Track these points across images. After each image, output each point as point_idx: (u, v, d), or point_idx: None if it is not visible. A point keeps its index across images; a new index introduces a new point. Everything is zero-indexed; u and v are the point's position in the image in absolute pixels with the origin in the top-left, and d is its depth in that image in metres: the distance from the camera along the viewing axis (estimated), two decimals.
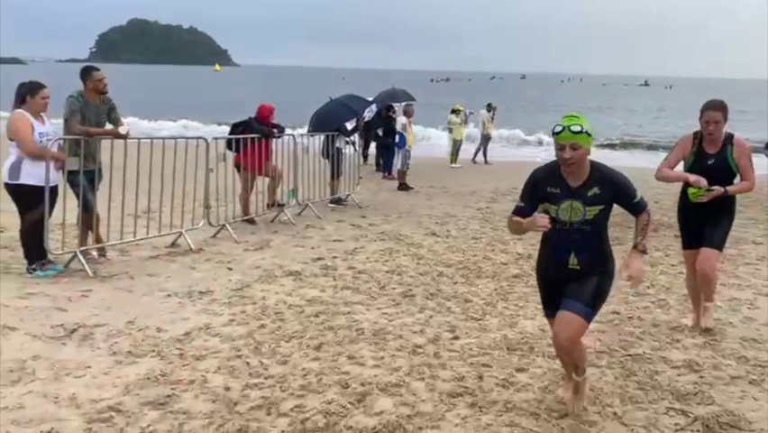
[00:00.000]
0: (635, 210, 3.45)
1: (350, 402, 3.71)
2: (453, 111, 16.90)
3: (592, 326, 4.94)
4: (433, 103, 32.05)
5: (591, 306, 3.39)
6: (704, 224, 4.79)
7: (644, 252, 3.46)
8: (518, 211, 3.48)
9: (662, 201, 10.06)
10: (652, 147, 23.42)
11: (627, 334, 4.89)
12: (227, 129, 9.85)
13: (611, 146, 23.88)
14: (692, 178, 4.62)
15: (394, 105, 14.65)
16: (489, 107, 17.97)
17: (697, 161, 4.74)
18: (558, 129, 3.27)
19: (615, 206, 3.44)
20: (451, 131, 16.92)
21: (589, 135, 3.28)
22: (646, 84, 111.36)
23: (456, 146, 16.80)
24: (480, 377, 4.08)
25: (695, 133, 4.81)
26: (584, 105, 50.13)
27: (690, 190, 4.69)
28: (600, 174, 3.37)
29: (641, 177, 6.71)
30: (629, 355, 4.47)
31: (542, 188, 3.41)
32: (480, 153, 17.67)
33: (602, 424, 3.54)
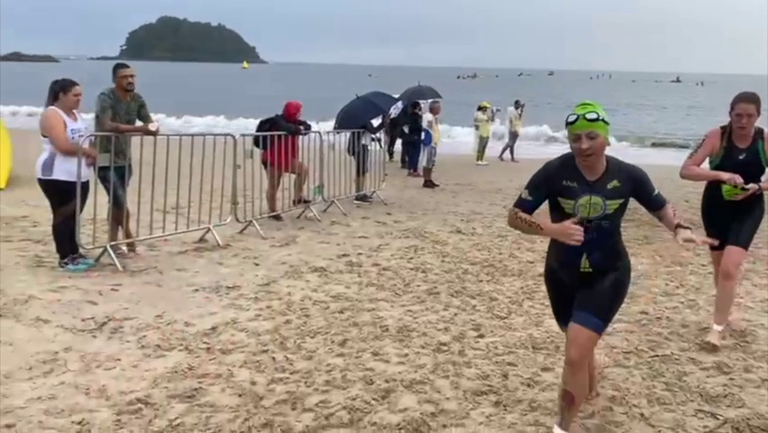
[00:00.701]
0: (656, 204, 3.19)
1: (374, 399, 3.72)
2: (480, 108, 16.81)
3: (619, 325, 4.92)
4: (459, 100, 31.93)
5: (604, 318, 3.13)
6: (731, 223, 4.61)
7: (687, 227, 3.10)
8: (522, 204, 3.16)
9: (693, 200, 9.88)
10: (681, 145, 23.07)
11: (655, 334, 4.82)
12: (254, 125, 9.93)
13: (640, 143, 23.56)
14: (726, 175, 4.44)
15: (420, 102, 14.62)
16: (517, 104, 17.83)
17: (727, 157, 4.54)
18: (572, 118, 2.97)
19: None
20: (477, 128, 16.84)
21: (606, 123, 3.01)
22: (678, 80, 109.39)
23: (482, 143, 16.71)
24: (505, 376, 4.06)
25: (722, 128, 4.65)
26: (613, 102, 49.44)
27: (725, 188, 4.50)
28: (617, 166, 3.13)
29: (669, 175, 6.61)
30: (657, 356, 4.41)
31: (556, 181, 3.10)
32: (507, 151, 17.56)
33: (629, 425, 3.50)
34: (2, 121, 11.13)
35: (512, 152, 17.57)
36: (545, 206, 3.21)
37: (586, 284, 3.15)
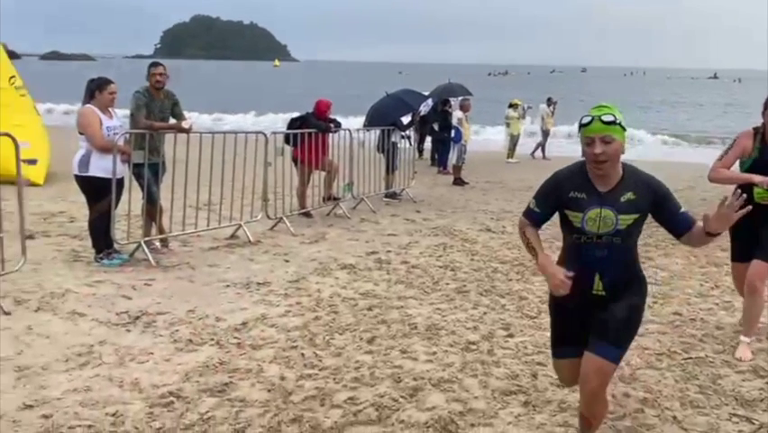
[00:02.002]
0: (683, 224, 2.77)
1: (402, 396, 3.73)
2: (511, 105, 16.67)
3: (652, 327, 4.85)
4: (490, 97, 31.70)
5: (623, 346, 2.89)
6: (759, 231, 4.31)
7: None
8: (530, 215, 2.95)
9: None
10: (717, 143, 22.56)
11: (689, 336, 4.73)
12: (285, 122, 10.00)
13: (675, 140, 23.11)
14: (758, 178, 4.26)
15: (450, 99, 14.56)
16: (549, 102, 17.64)
17: (760, 158, 4.32)
18: (586, 120, 2.70)
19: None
20: (508, 125, 16.71)
21: (624, 128, 2.73)
22: (715, 77, 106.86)
23: (513, 141, 16.57)
24: (535, 376, 4.03)
25: (755, 129, 4.48)
26: (647, 99, 48.59)
27: (757, 191, 4.35)
28: (635, 177, 2.79)
29: (699, 173, 6.47)
30: (691, 358, 4.33)
31: (564, 192, 2.82)
32: (539, 149, 17.38)
33: (661, 428, 3.45)
34: (40, 118, 11.38)
35: (543, 150, 17.39)
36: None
37: (599, 309, 2.85)
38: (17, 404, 3.51)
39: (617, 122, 2.70)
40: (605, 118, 2.68)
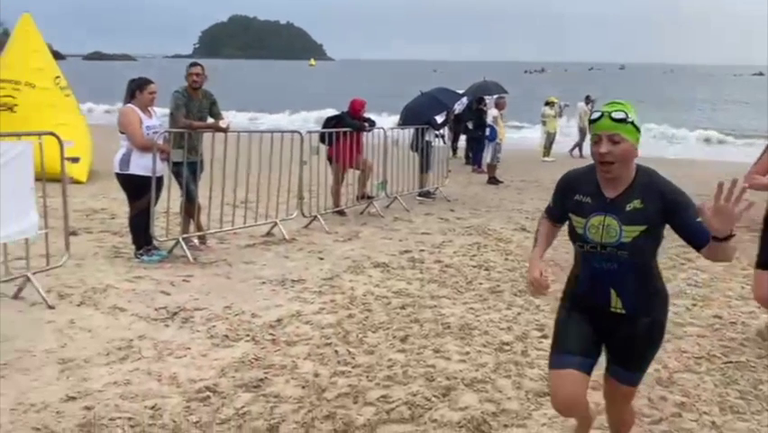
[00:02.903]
0: (699, 235, 2.38)
1: (434, 395, 3.73)
2: (547, 103, 16.48)
3: (691, 329, 4.76)
4: (526, 95, 31.38)
5: (644, 369, 2.74)
6: None
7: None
8: (549, 211, 2.80)
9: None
10: (756, 141, 21.92)
11: (729, 340, 4.62)
12: (320, 122, 10.08)
13: (718, 138, 22.55)
14: None
15: (485, 97, 14.47)
16: (588, 100, 17.37)
17: None
18: (595, 115, 2.48)
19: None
20: (544, 123, 16.52)
21: (637, 129, 2.48)
22: (761, 74, 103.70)
23: (549, 139, 16.39)
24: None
25: None
26: (689, 97, 47.51)
27: None
28: (648, 182, 2.49)
29: (742, 172, 6.31)
30: (731, 362, 4.24)
31: (570, 194, 2.62)
32: (577, 147, 17.15)
33: None
34: (84, 118, 11.68)
35: (581, 149, 17.15)
36: None
37: (619, 328, 2.62)
38: (60, 396, 3.62)
39: (629, 120, 2.45)
40: (615, 115, 2.44)
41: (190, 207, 6.67)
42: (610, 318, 2.61)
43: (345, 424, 3.42)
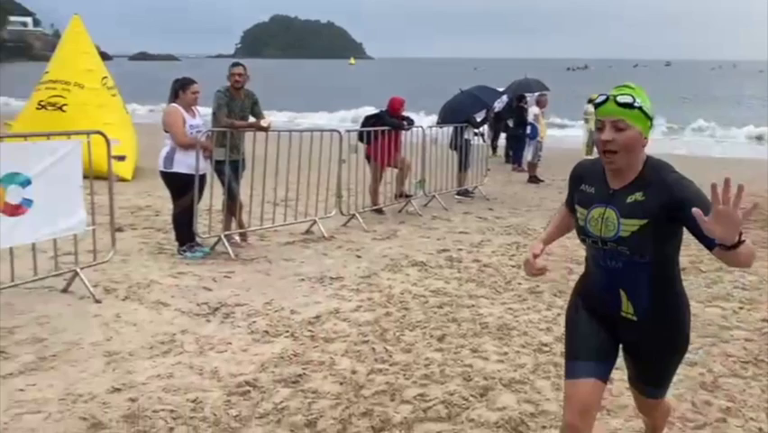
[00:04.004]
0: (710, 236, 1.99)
1: (472, 395, 3.72)
2: (590, 100, 16.19)
3: (738, 333, 4.62)
4: (569, 92, 30.90)
5: (663, 385, 2.57)
6: None
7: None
8: (566, 201, 2.66)
9: None
10: None
11: None
12: (358, 120, 10.12)
13: (761, 137, 21.82)
14: None
15: (526, 95, 14.30)
16: None
17: None
18: (600, 99, 2.27)
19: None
20: (587, 121, 16.24)
21: (647, 116, 2.25)
22: None
23: (592, 137, 16.09)
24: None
25: None
26: (738, 93, 46.04)
27: None
28: (655, 175, 2.26)
29: None
30: None
31: (578, 184, 2.49)
32: None
33: None
34: (130, 117, 11.98)
35: None
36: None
37: (634, 337, 2.42)
38: (106, 387, 3.73)
39: (637, 106, 2.22)
40: (621, 99, 2.22)
41: (232, 205, 6.78)
42: (623, 326, 2.41)
43: (382, 421, 3.43)
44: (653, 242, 2.25)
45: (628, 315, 2.37)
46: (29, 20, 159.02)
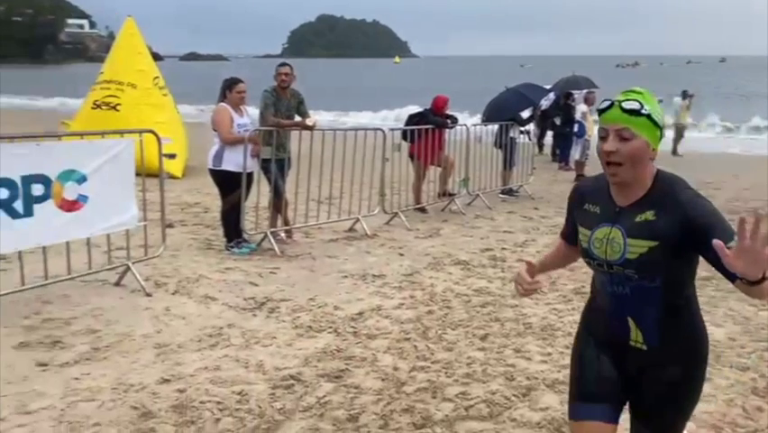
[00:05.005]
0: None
1: (514, 395, 3.70)
2: None
3: None
4: (618, 90, 30.18)
5: (678, 430, 2.20)
6: None
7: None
8: (562, 231, 2.38)
9: None
10: None
11: None
12: (395, 118, 10.14)
13: None
14: None
15: (574, 92, 14.08)
16: (685, 95, 16.56)
17: None
18: (604, 105, 2.03)
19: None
20: None
21: (656, 125, 2.00)
22: None
23: None
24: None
25: None
26: None
27: None
28: (668, 192, 2.01)
29: None
30: None
31: (581, 203, 2.22)
32: (678, 144, 16.35)
33: None
34: (180, 116, 12.26)
35: (675, 146, 16.38)
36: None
37: (642, 371, 2.12)
38: (156, 378, 3.85)
39: (645, 113, 1.98)
40: (627, 105, 1.98)
41: (278, 203, 6.89)
42: (632, 356, 2.13)
43: (424, 418, 3.45)
44: (664, 265, 2.00)
45: (638, 344, 2.11)
46: (85, 22, 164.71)
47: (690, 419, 3.37)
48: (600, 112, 2.03)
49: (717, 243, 1.68)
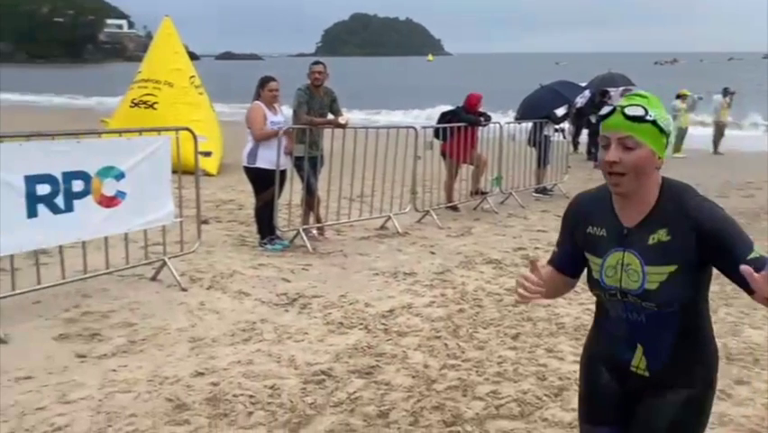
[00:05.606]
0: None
1: (546, 395, 3.67)
2: (679, 96, 15.51)
3: None
4: (656, 88, 29.61)
5: None
6: None
7: None
8: (552, 259, 2.11)
9: None
10: None
11: None
12: (426, 117, 10.13)
13: None
14: None
15: (610, 90, 13.86)
16: (726, 92, 16.15)
17: None
18: (605, 111, 1.86)
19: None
20: (675, 118, 15.55)
21: (662, 131, 1.83)
22: None
23: (680, 135, 15.40)
24: None
25: None
26: None
27: None
28: (677, 204, 1.83)
29: None
30: None
31: (581, 225, 1.99)
32: (719, 142, 15.98)
33: None
34: (215, 114, 12.43)
35: (715, 144, 16.00)
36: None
37: (641, 396, 1.97)
38: (190, 371, 3.93)
39: (650, 119, 1.81)
40: (630, 111, 1.81)
41: (310, 200, 6.95)
42: (631, 378, 1.97)
43: (454, 416, 3.44)
44: (683, 289, 1.84)
45: (638, 370, 1.95)
46: (124, 22, 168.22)
47: (726, 425, 3.31)
48: (602, 118, 1.87)
49: (744, 269, 1.57)
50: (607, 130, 1.84)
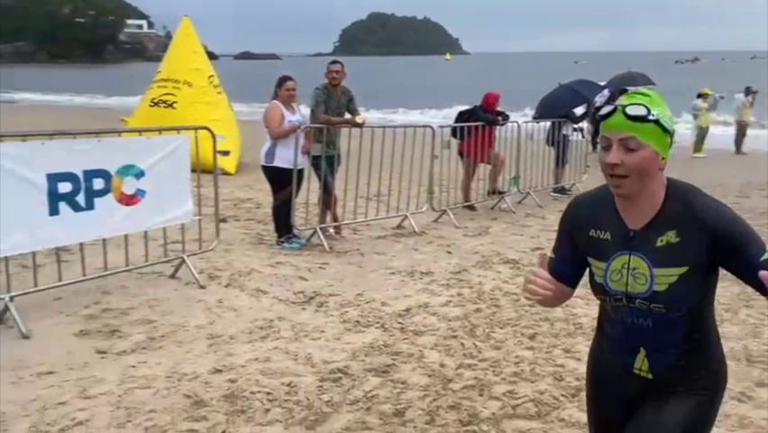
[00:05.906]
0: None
1: (563, 395, 3.65)
2: (700, 95, 15.33)
3: None
4: (676, 87, 29.30)
5: None
6: None
7: None
8: (549, 267, 1.99)
9: None
10: None
11: None
12: (442, 117, 10.09)
13: None
14: None
15: (629, 89, 13.72)
16: (749, 91, 15.93)
17: None
18: (606, 110, 1.78)
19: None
20: (695, 117, 15.38)
21: (665, 131, 1.77)
22: None
23: (701, 134, 15.22)
24: None
25: None
26: None
27: None
28: (685, 205, 1.79)
29: None
30: None
31: (583, 229, 1.93)
32: (741, 141, 15.77)
33: None
34: (234, 114, 12.51)
35: (738, 144, 15.79)
36: None
37: (644, 399, 1.92)
38: (208, 368, 3.96)
39: (652, 118, 1.74)
40: (631, 111, 1.73)
41: (327, 199, 6.97)
42: (634, 381, 1.93)
43: (470, 415, 3.44)
44: (692, 291, 1.79)
45: (642, 373, 1.91)
46: (144, 22, 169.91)
47: (746, 428, 3.27)
48: (602, 118, 1.78)
49: (764, 274, 1.54)
50: (607, 130, 1.77)
